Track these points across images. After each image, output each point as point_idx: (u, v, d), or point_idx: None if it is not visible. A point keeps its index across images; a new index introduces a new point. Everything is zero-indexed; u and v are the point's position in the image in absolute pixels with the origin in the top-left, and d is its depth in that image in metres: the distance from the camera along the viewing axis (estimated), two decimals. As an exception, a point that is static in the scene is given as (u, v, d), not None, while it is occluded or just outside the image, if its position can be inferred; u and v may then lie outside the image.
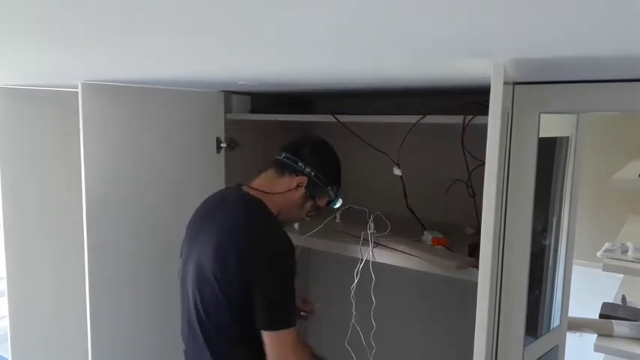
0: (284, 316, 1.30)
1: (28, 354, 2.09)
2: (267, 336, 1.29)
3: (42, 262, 2.10)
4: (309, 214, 1.53)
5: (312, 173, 1.44)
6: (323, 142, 1.55)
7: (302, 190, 1.44)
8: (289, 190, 1.43)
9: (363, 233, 1.68)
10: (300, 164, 1.44)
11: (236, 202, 1.41)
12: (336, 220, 1.86)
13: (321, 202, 1.51)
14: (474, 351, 1.04)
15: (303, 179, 1.44)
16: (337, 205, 1.55)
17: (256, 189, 1.43)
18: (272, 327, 1.29)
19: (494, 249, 1.03)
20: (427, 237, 1.65)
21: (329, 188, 1.48)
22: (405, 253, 1.57)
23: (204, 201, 1.51)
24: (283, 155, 1.46)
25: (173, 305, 1.93)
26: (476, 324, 1.03)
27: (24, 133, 2.01)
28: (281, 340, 1.29)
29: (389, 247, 1.61)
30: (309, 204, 1.48)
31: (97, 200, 1.63)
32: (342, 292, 1.64)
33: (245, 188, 1.45)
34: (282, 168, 1.46)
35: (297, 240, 1.74)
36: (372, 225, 1.70)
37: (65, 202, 2.06)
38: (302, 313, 1.63)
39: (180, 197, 1.89)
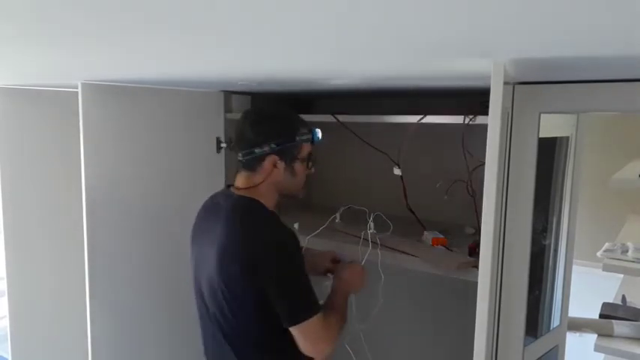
0: (303, 307, 1.30)
1: (28, 354, 2.09)
2: (293, 330, 1.30)
3: (42, 262, 2.10)
4: (310, 169, 1.45)
5: (273, 146, 1.36)
6: (255, 113, 1.47)
7: (281, 165, 1.37)
8: (270, 175, 1.37)
9: (363, 233, 1.68)
10: (257, 150, 1.36)
11: (232, 208, 1.37)
12: (336, 220, 1.86)
13: (305, 152, 1.42)
14: (474, 351, 1.04)
15: (273, 158, 1.36)
16: (320, 136, 1.45)
17: (244, 187, 1.40)
18: (295, 322, 1.29)
19: (494, 249, 1.03)
20: (427, 237, 1.65)
21: (298, 138, 1.39)
22: (405, 253, 1.57)
23: (203, 207, 1.48)
24: (240, 156, 1.40)
25: (172, 305, 1.93)
26: (476, 324, 1.03)
27: (24, 133, 2.01)
28: (308, 331, 1.30)
29: (389, 247, 1.61)
30: (297, 165, 1.40)
31: (97, 200, 1.63)
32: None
33: (234, 190, 1.41)
34: (249, 164, 1.39)
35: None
36: (372, 225, 1.69)
37: (65, 202, 2.06)
38: (329, 275, 1.59)
39: (180, 197, 1.89)
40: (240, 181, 1.42)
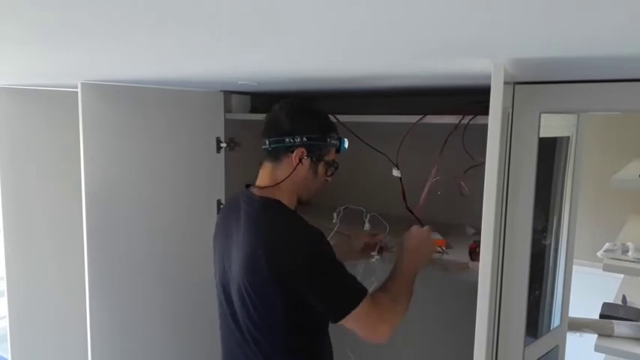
0: (348, 297, 1.27)
1: (28, 354, 2.09)
2: (345, 322, 1.26)
3: (42, 262, 2.10)
4: (329, 175, 1.44)
5: (305, 139, 1.34)
6: (292, 105, 1.42)
7: (307, 161, 1.36)
8: (294, 170, 1.35)
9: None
10: (287, 140, 1.34)
11: (254, 210, 1.34)
12: (333, 221, 1.86)
13: (331, 156, 1.42)
14: (474, 351, 1.04)
15: (301, 150, 1.35)
16: (346, 145, 1.45)
17: (265, 187, 1.38)
18: (345, 313, 1.25)
19: (494, 249, 1.03)
20: (427, 237, 1.65)
21: (328, 140, 1.39)
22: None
23: (223, 210, 1.46)
24: (268, 143, 1.38)
25: (173, 304, 1.93)
26: (476, 324, 1.03)
27: (24, 133, 2.01)
28: (359, 319, 1.27)
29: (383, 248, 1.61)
30: (320, 167, 1.40)
31: (97, 200, 1.63)
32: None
33: (255, 190, 1.39)
34: (276, 154, 1.37)
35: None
36: (368, 225, 1.69)
37: (65, 202, 2.06)
38: (373, 254, 1.57)
39: (180, 197, 1.89)
40: (263, 176, 1.39)
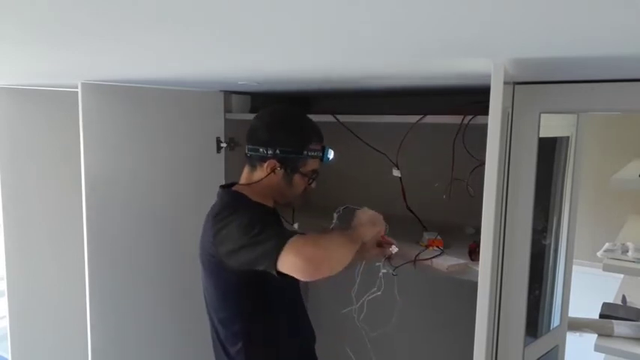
0: (277, 241, 1.17)
1: (28, 354, 2.09)
2: (283, 266, 1.16)
3: (42, 262, 2.10)
4: (310, 183, 1.44)
5: (277, 152, 1.35)
6: (273, 114, 1.44)
7: (280, 172, 1.37)
8: (267, 177, 1.37)
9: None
10: (261, 150, 1.36)
11: (218, 202, 1.41)
12: (333, 221, 1.86)
13: (310, 167, 1.41)
14: (474, 351, 1.04)
15: (273, 163, 1.36)
16: (331, 156, 1.43)
17: (241, 184, 1.44)
18: (277, 254, 1.15)
19: (494, 249, 1.03)
20: (425, 238, 1.65)
21: (306, 152, 1.38)
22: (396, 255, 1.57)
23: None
24: (247, 149, 1.41)
25: (173, 304, 1.93)
26: (476, 324, 1.03)
27: (24, 133, 2.01)
28: (294, 251, 1.15)
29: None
30: (296, 177, 1.40)
31: (97, 200, 1.63)
32: (341, 293, 1.64)
33: (234, 187, 1.44)
34: (251, 161, 1.41)
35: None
36: None
37: (65, 202, 2.06)
38: (379, 264, 1.53)
39: (180, 197, 1.89)
40: (243, 175, 1.45)
